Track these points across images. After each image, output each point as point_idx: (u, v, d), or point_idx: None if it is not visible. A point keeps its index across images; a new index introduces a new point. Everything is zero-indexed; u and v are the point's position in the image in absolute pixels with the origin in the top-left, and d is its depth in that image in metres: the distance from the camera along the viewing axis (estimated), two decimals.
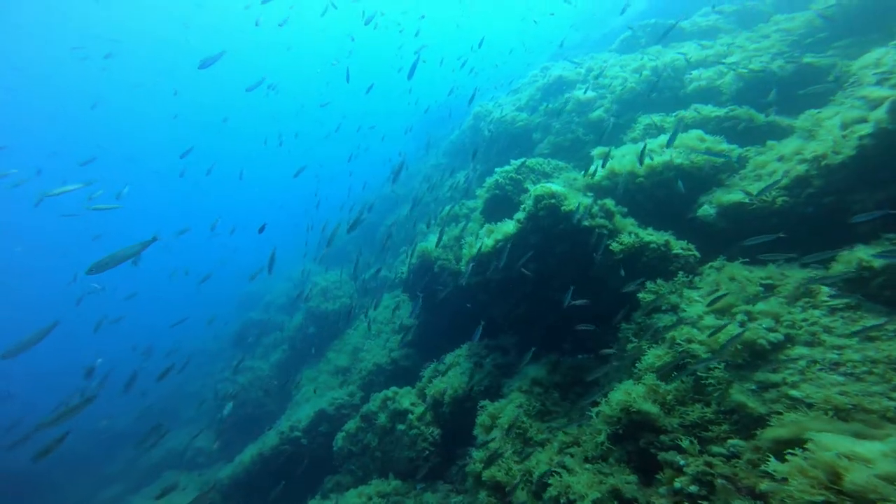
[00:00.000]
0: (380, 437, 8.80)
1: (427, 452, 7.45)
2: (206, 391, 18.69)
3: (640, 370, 4.01)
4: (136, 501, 14.15)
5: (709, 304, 4.14)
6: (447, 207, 12.06)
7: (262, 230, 9.08)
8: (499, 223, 7.30)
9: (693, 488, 2.97)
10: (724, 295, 4.11)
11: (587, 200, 6.10)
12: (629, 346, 4.62)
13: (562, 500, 3.60)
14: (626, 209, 6.26)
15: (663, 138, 6.86)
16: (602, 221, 5.83)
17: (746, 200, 5.33)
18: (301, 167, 16.18)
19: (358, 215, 12.46)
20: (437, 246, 10.35)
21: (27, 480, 19.09)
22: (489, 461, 4.85)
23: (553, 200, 6.05)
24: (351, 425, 9.71)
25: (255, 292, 25.25)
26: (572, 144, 10.76)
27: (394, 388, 9.00)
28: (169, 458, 16.64)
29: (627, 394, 3.71)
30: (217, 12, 48.12)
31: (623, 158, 6.77)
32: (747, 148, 6.46)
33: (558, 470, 3.95)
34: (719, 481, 2.87)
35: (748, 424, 3.19)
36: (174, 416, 19.53)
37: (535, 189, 6.31)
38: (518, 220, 6.55)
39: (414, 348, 11.82)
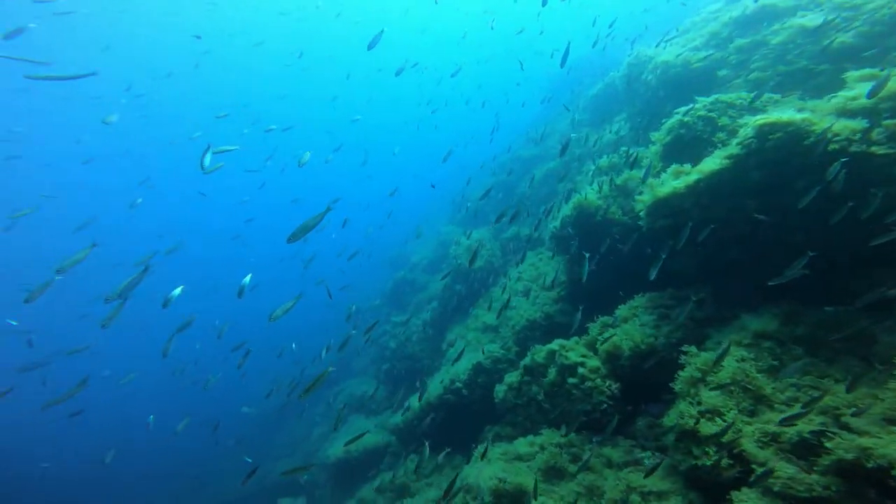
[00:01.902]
0: (547, 390, 8.44)
1: (605, 406, 6.89)
2: (370, 346, 20.18)
3: None
4: (340, 437, 16.16)
5: None
6: (605, 157, 10.94)
7: (433, 186, 9.39)
8: (687, 164, 6.27)
9: None
10: None
11: (857, 124, 4.76)
12: None
13: (869, 465, 2.78)
14: None
15: None
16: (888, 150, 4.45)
17: None
18: (449, 151, 16.07)
19: (487, 191, 12.09)
20: (598, 196, 9.49)
21: (268, 420, 23.34)
22: (706, 417, 4.13)
23: (790, 129, 4.86)
24: (513, 378, 9.50)
25: (403, 254, 26.61)
26: (787, 78, 8.86)
27: (559, 341, 8.51)
28: (350, 403, 18.60)
29: None
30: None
31: None
32: None
33: (834, 431, 3.10)
34: None
35: None
36: (347, 367, 21.65)
37: (757, 120, 5.19)
38: (728, 157, 5.49)
39: (570, 303, 11.18)
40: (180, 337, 10.10)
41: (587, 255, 7.68)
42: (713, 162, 5.62)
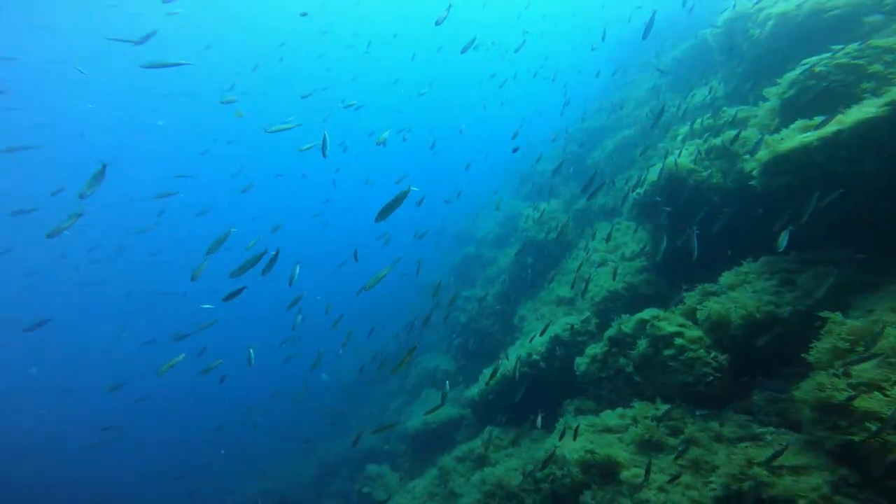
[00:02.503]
0: (637, 362, 7.91)
1: (711, 378, 6.28)
2: (440, 321, 20.21)
3: None
4: (416, 409, 16.51)
5: None
6: (697, 120, 9.92)
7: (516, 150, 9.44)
8: (818, 117, 5.44)
9: None
10: None
11: None
12: None
13: None
14: None
15: None
16: None
17: None
18: (518, 129, 15.38)
19: (559, 164, 11.45)
20: (691, 159, 8.64)
21: (347, 390, 24.50)
22: (861, 390, 3.53)
23: None
24: (596, 350, 9.03)
25: (469, 230, 26.30)
26: None
27: (651, 311, 7.91)
28: (424, 377, 18.85)
29: None
30: None
31: None
32: None
33: None
34: None
35: None
36: (420, 343, 21.89)
37: None
38: (888, 104, 4.72)
39: (655, 273, 10.43)
40: (288, 312, 10.67)
41: (695, 228, 6.94)
42: (861, 111, 4.82)
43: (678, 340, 6.96)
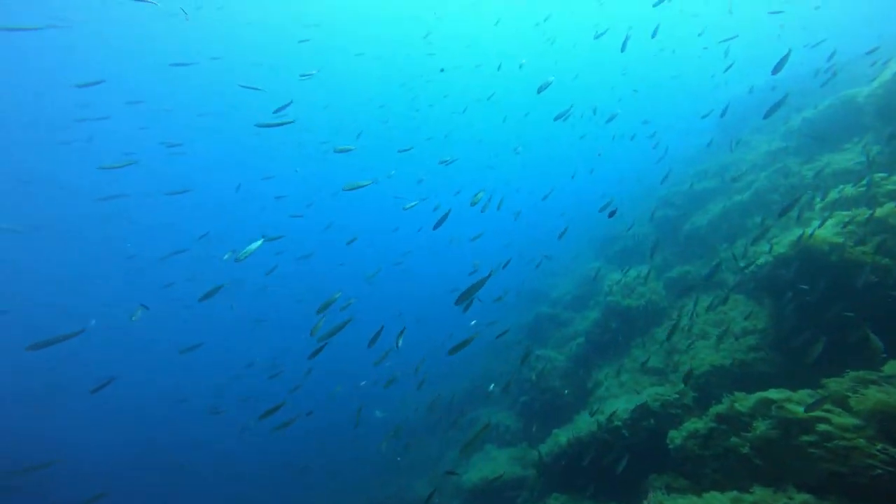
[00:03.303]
0: (755, 443, 6.67)
1: (878, 472, 4.96)
2: (508, 377, 19.09)
3: None
4: (474, 463, 15.34)
5: None
6: (846, 188, 8.85)
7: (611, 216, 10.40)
8: None
9: None
10: None
11: None
12: None
13: None
14: None
15: None
16: None
17: None
18: (611, 202, 15.00)
19: (653, 249, 10.61)
20: (835, 232, 7.64)
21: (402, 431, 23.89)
22: None
23: None
24: (697, 425, 7.86)
25: (541, 289, 25.30)
26: None
27: (778, 391, 6.73)
28: (484, 432, 17.59)
29: None
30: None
31: None
32: None
33: None
34: None
35: None
36: (482, 395, 20.71)
37: None
38: None
39: (776, 351, 9.05)
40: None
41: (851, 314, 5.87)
42: None
43: (822, 426, 5.74)
